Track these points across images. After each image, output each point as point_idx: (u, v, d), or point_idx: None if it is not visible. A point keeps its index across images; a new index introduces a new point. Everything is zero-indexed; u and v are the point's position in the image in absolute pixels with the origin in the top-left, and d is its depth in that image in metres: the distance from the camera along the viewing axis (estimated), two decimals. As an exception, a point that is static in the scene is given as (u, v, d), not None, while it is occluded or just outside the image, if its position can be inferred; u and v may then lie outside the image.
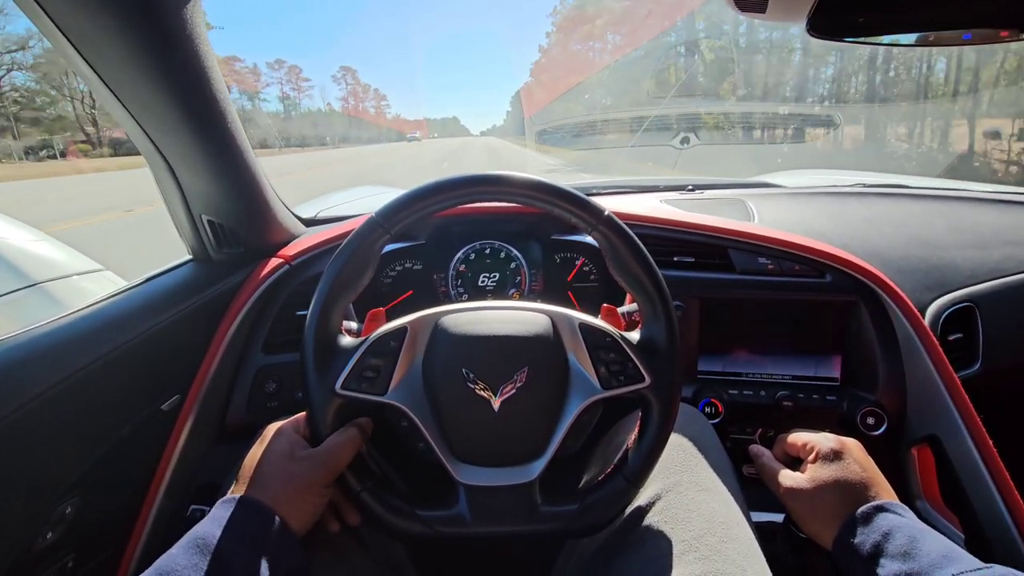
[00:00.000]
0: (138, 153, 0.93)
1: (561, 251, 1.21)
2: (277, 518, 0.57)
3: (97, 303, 0.87)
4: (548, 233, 1.19)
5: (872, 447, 0.81)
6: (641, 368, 0.65)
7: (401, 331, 0.67)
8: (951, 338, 1.06)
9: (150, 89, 0.78)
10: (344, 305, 0.67)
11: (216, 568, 0.51)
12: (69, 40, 0.71)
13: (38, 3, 0.66)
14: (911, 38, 0.62)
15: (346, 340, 0.67)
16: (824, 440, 0.71)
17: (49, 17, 0.67)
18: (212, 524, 0.55)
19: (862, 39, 0.63)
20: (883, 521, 0.61)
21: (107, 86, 0.78)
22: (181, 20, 0.74)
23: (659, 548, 0.64)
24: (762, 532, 0.70)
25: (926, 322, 1.03)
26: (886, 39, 0.63)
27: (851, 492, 0.65)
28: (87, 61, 0.74)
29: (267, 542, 0.56)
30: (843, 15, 0.61)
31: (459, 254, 1.19)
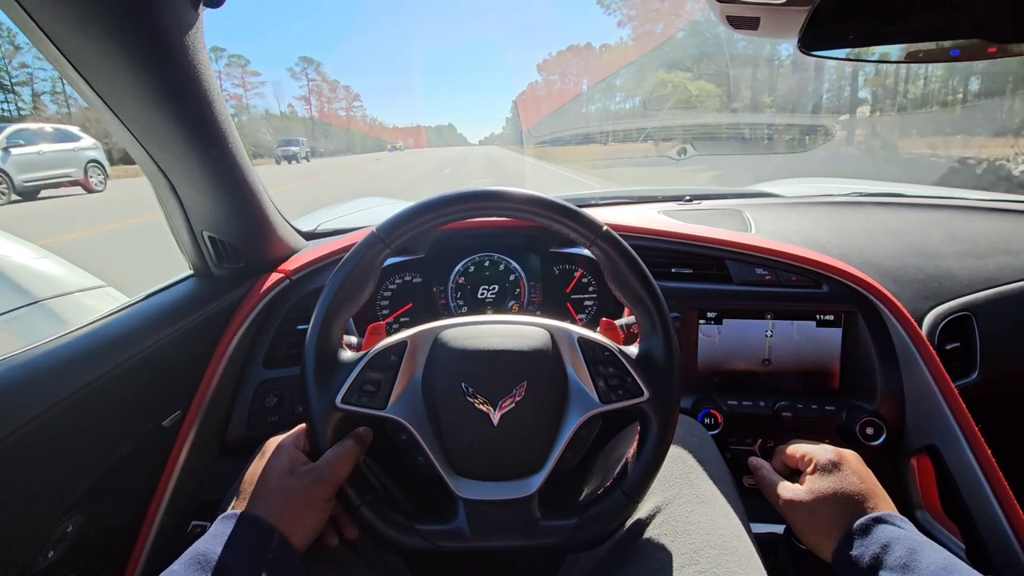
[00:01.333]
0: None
1: (560, 263, 1.21)
2: (278, 534, 0.58)
3: (99, 320, 0.88)
4: (547, 245, 1.19)
5: (871, 457, 0.81)
6: (640, 382, 0.66)
7: (401, 345, 0.67)
8: (948, 347, 1.07)
9: (152, 111, 0.79)
10: (345, 319, 0.68)
11: None
12: (69, 61, 0.72)
13: (37, 24, 0.67)
14: (900, 54, 0.63)
15: (346, 354, 0.67)
16: (822, 452, 0.71)
17: (49, 38, 0.68)
18: (213, 540, 0.55)
19: (852, 57, 0.64)
20: (882, 533, 0.61)
21: (108, 106, 0.79)
22: (183, 44, 0.75)
23: (659, 561, 0.64)
24: (762, 544, 0.70)
25: (923, 331, 1.03)
26: (876, 56, 0.64)
27: (850, 504, 0.65)
28: (88, 82, 0.75)
29: (268, 558, 0.56)
30: (834, 33, 0.62)
31: (458, 267, 1.20)
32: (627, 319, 0.89)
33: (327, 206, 1.86)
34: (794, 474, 0.75)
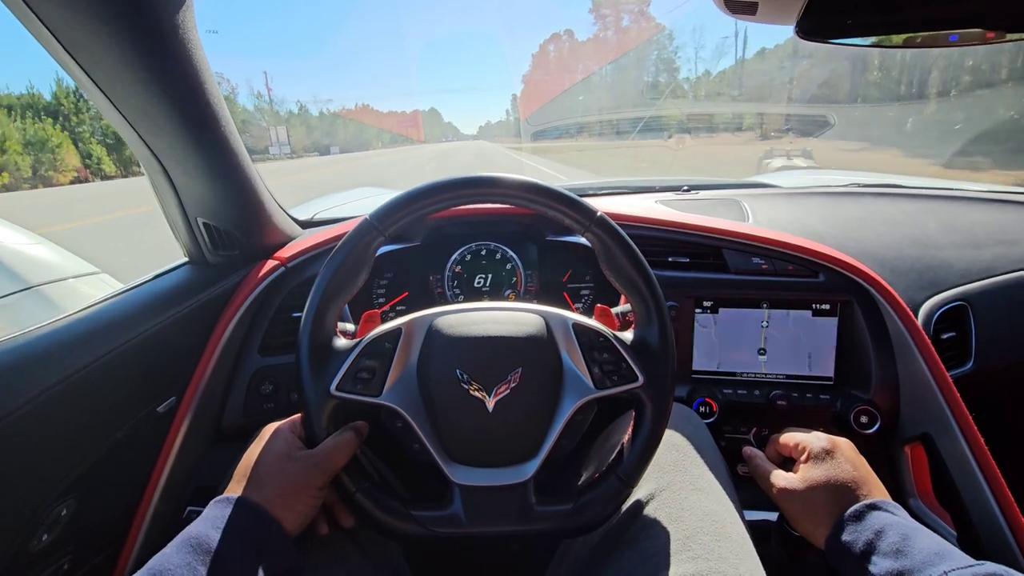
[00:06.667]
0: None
1: (556, 252, 1.21)
2: (270, 518, 0.58)
3: (93, 306, 0.87)
4: (543, 234, 1.19)
5: (865, 446, 0.82)
6: (634, 368, 0.66)
7: (396, 332, 0.67)
8: (944, 337, 1.07)
9: (145, 94, 0.79)
10: (339, 307, 0.67)
11: (209, 567, 0.51)
12: (63, 46, 0.71)
13: (32, 10, 0.66)
14: (899, 39, 0.63)
15: (341, 342, 0.67)
16: (815, 440, 0.71)
17: (43, 23, 0.68)
18: (206, 524, 0.55)
19: (850, 41, 0.64)
20: (875, 519, 0.61)
21: (102, 91, 0.78)
22: (174, 25, 0.74)
23: (653, 547, 0.64)
24: (756, 531, 0.70)
25: (919, 321, 1.04)
26: (874, 41, 0.63)
27: (843, 491, 0.65)
28: (82, 67, 0.74)
29: (261, 542, 0.56)
30: (832, 17, 0.61)
31: (455, 255, 1.20)
32: (623, 307, 0.89)
33: (323, 196, 1.85)
34: (788, 462, 0.75)
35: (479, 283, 1.20)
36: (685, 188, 1.53)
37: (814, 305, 1.09)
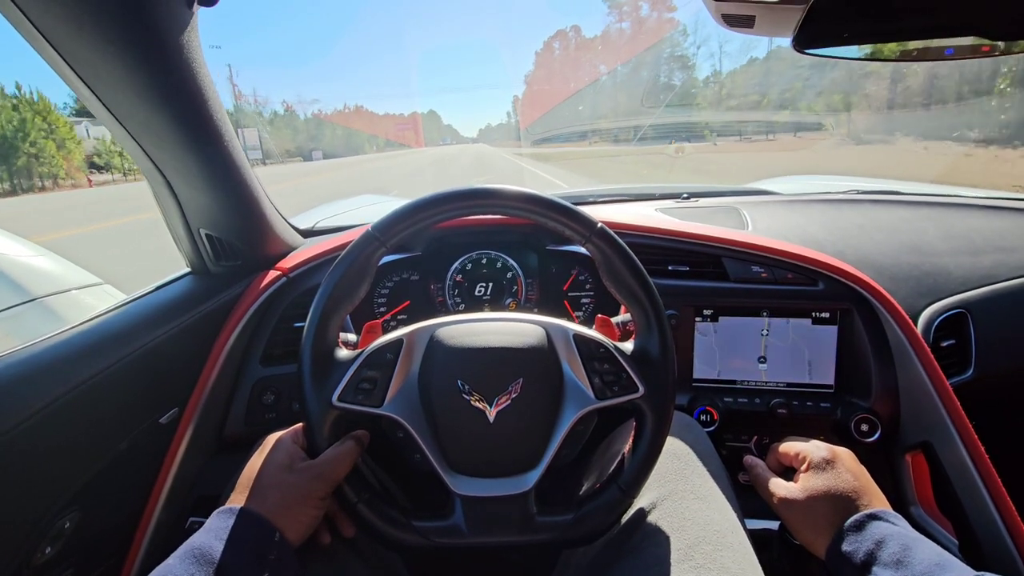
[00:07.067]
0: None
1: (557, 261, 1.21)
2: (272, 528, 0.58)
3: (96, 317, 0.88)
4: (543, 243, 1.20)
5: (866, 454, 0.82)
6: (635, 378, 0.66)
7: (397, 343, 0.68)
8: (944, 344, 1.07)
9: (147, 107, 0.79)
10: (341, 317, 0.68)
11: None
12: (66, 60, 0.72)
13: (33, 24, 0.67)
14: (894, 53, 0.63)
15: (343, 352, 0.68)
16: (816, 449, 0.71)
17: (45, 38, 0.68)
18: (209, 534, 0.56)
19: (847, 53, 0.64)
20: (876, 529, 0.61)
21: (104, 105, 0.79)
22: (179, 43, 0.75)
23: (655, 556, 0.64)
24: (757, 540, 0.70)
25: (919, 329, 1.04)
26: (870, 54, 0.64)
27: (843, 501, 0.65)
28: (84, 81, 0.75)
29: (264, 552, 0.56)
30: (828, 31, 0.62)
31: (456, 264, 1.20)
32: (623, 316, 0.89)
33: (324, 203, 1.87)
34: (788, 471, 0.75)
35: (480, 292, 1.21)
36: (685, 195, 1.53)
37: (814, 313, 1.09)
